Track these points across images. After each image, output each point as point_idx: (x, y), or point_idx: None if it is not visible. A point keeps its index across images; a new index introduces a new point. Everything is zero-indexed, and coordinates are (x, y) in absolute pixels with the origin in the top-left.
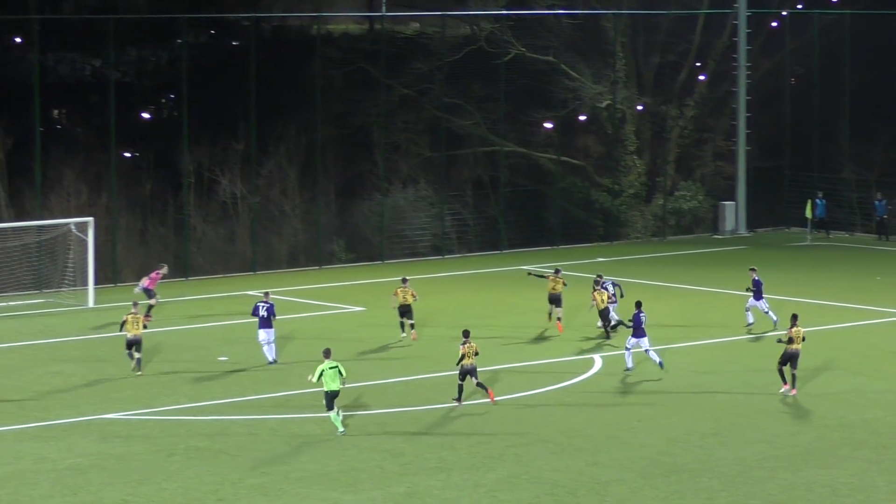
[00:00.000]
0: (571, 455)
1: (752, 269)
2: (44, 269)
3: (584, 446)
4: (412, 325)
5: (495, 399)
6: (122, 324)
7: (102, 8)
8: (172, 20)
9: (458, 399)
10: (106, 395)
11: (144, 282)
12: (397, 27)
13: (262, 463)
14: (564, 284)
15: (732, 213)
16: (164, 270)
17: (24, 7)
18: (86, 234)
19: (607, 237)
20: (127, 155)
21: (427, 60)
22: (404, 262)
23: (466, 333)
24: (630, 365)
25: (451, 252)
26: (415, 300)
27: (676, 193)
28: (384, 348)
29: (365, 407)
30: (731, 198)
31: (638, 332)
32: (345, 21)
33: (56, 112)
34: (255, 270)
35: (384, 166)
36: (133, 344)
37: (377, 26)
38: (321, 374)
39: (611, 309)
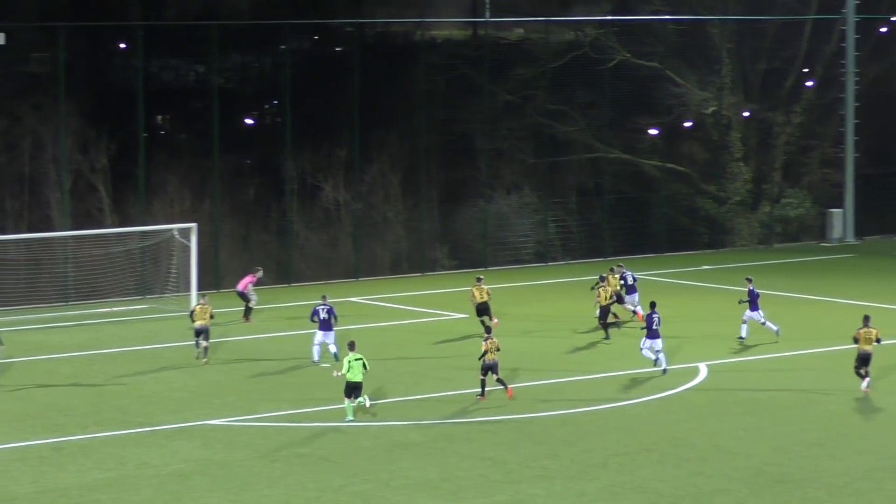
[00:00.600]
0: (675, 464)
1: (748, 280)
2: (147, 274)
3: (689, 456)
4: (490, 318)
5: (513, 395)
6: (191, 313)
7: (205, 14)
8: (276, 26)
9: (482, 394)
10: (208, 401)
11: (239, 285)
12: (501, 33)
13: (364, 470)
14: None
15: (840, 220)
16: (259, 274)
17: (127, 14)
18: (189, 240)
19: (712, 245)
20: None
21: (531, 66)
22: (507, 269)
23: (488, 330)
24: (662, 364)
25: (554, 259)
26: (489, 298)
27: (783, 201)
28: (467, 354)
29: (467, 414)
30: (839, 205)
31: (651, 333)
32: (448, 27)
33: (159, 118)
34: (357, 277)
35: (487, 173)
36: (201, 332)
37: (481, 32)
38: (349, 366)
39: (627, 300)
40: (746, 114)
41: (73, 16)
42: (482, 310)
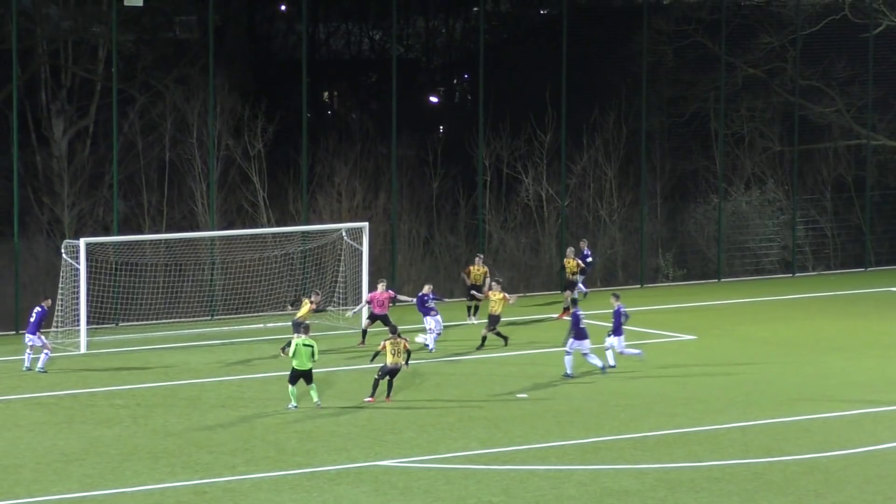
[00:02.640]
0: None
1: (615, 296)
2: (309, 283)
3: None
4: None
5: (376, 400)
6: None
7: None
8: None
9: (372, 395)
10: (380, 438)
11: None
12: None
13: None
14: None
15: None
16: (390, 293)
17: None
18: (360, 243)
19: None
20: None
21: (778, 34)
22: (746, 281)
23: (394, 329)
24: (597, 364)
25: (804, 269)
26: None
27: None
28: (718, 386)
29: (694, 458)
30: None
31: (582, 333)
32: None
33: (326, 95)
34: (563, 289)
35: (723, 163)
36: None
37: None
38: (295, 350)
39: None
40: None
41: None
42: (475, 289)
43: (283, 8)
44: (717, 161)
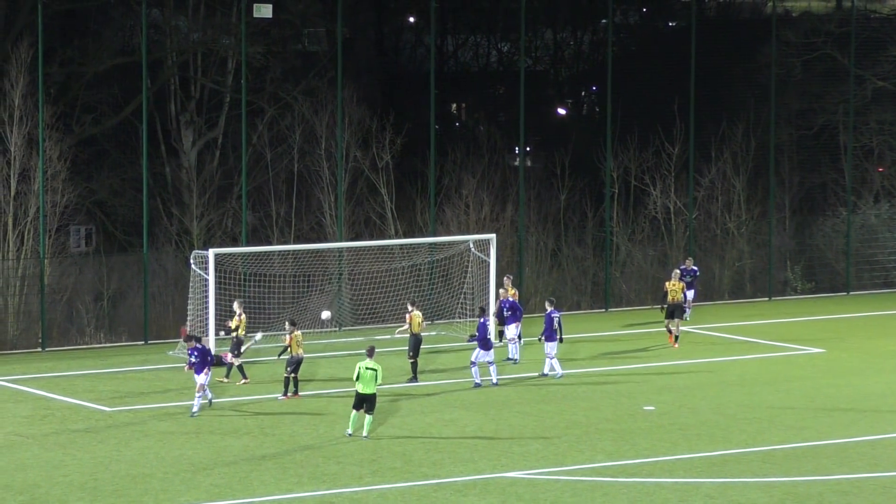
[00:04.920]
0: None
1: (550, 301)
2: (435, 295)
3: None
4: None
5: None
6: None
7: None
8: None
9: (285, 393)
10: (507, 449)
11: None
12: (871, 5)
13: None
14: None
15: None
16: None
17: None
18: (487, 255)
19: None
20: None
21: None
22: (875, 294)
23: (293, 322)
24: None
25: None
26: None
27: None
28: (846, 399)
29: (823, 471)
30: None
31: (487, 344)
32: None
33: (454, 107)
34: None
35: (852, 176)
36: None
37: (846, 4)
38: (358, 374)
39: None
40: None
41: None
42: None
43: (411, 20)
44: (846, 174)
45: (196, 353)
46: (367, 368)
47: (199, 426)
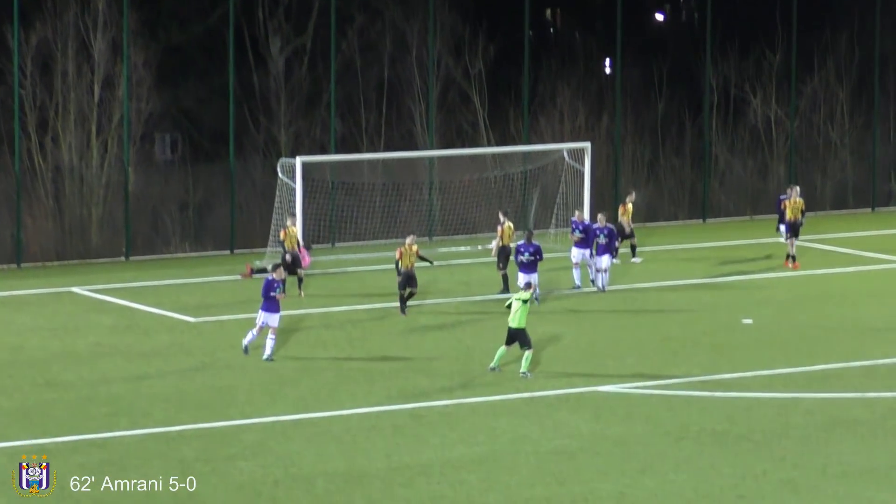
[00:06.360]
0: None
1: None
2: (528, 205)
3: None
4: None
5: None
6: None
7: None
8: None
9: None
10: (601, 363)
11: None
12: None
13: (794, 453)
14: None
15: None
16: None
17: None
18: (582, 164)
19: None
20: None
21: None
22: None
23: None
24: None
25: None
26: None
27: None
28: None
29: None
30: None
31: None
32: None
33: (549, 13)
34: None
35: None
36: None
37: None
38: (509, 304)
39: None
40: None
41: None
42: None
43: None
44: None
45: (280, 286)
46: (522, 301)
47: (286, 339)
